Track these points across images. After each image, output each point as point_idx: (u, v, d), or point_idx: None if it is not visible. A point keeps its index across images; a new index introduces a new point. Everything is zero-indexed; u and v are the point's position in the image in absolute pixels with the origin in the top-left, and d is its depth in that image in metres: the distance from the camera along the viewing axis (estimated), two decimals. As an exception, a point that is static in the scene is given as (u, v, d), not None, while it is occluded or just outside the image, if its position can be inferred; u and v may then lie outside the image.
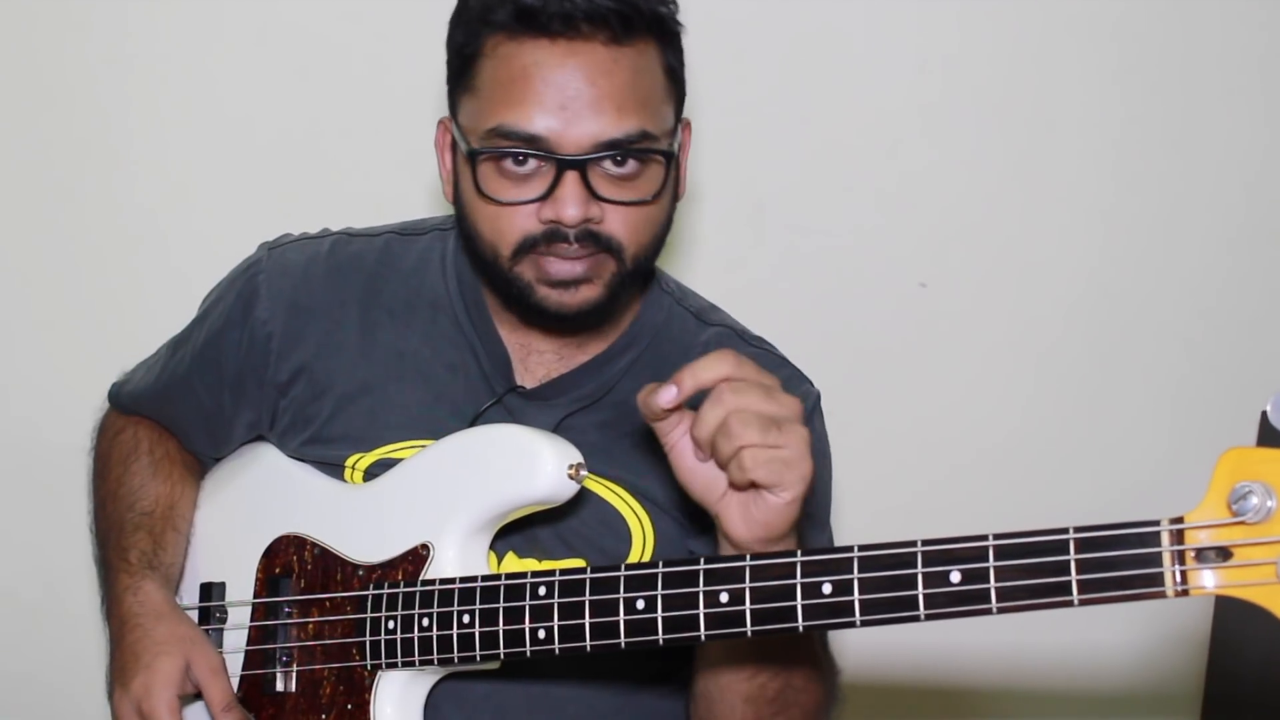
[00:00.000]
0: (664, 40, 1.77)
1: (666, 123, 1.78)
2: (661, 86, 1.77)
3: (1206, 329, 2.79)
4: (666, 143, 1.77)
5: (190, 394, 2.01)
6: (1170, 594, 1.29)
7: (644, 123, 1.73)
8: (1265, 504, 1.24)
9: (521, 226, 1.74)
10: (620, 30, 1.70)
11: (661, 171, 1.76)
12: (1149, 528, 1.30)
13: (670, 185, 1.80)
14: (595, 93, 1.70)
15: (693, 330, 1.97)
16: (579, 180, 1.71)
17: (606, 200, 1.73)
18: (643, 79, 1.74)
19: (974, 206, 2.75)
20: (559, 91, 1.69)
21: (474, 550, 1.76)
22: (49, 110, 2.63)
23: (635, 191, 1.75)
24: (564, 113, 1.69)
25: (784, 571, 1.49)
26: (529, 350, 1.90)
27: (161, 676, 1.83)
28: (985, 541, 1.38)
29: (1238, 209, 2.78)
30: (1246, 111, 2.76)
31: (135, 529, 1.96)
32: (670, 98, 1.80)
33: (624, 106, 1.71)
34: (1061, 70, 2.74)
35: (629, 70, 1.72)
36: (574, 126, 1.70)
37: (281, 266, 1.95)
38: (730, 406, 1.53)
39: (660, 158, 1.75)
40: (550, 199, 1.71)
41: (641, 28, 1.73)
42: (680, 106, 1.84)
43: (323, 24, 2.63)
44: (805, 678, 1.77)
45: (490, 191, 1.74)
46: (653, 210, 1.78)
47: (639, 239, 1.77)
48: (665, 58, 1.78)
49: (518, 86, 1.70)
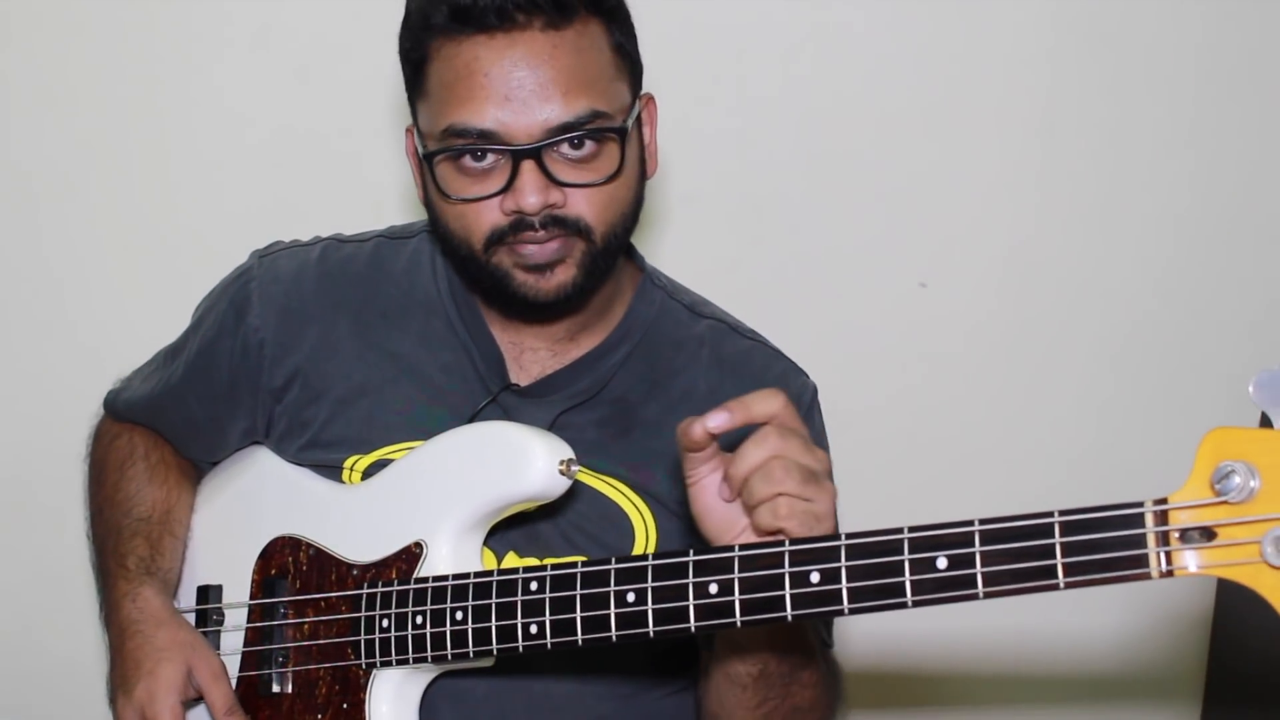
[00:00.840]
0: (606, 17, 1.78)
1: (620, 99, 1.78)
2: (610, 63, 1.77)
3: (1208, 329, 2.78)
4: (620, 120, 1.77)
5: (184, 403, 2.02)
6: (1155, 575, 1.29)
7: (594, 102, 1.73)
8: (1248, 483, 1.24)
9: (488, 220, 1.75)
10: (556, 14, 1.71)
11: (617, 149, 1.76)
12: (1133, 509, 1.30)
13: (632, 162, 1.80)
14: (539, 79, 1.71)
15: (686, 323, 1.98)
16: (536, 168, 1.72)
17: (565, 184, 1.74)
18: (588, 58, 1.74)
19: (974, 206, 2.75)
20: (503, 83, 1.71)
21: (467, 547, 1.77)
22: (49, 110, 2.64)
23: (594, 172, 1.75)
24: (510, 104, 1.71)
25: (772, 561, 1.49)
26: (522, 348, 1.91)
27: (164, 683, 1.83)
28: (971, 527, 1.38)
29: (1238, 208, 2.77)
30: (1246, 111, 2.75)
31: (132, 535, 1.96)
32: (622, 74, 1.80)
33: (570, 89, 1.72)
34: (1062, 70, 2.73)
35: (570, 52, 1.73)
36: (523, 116, 1.71)
37: (272, 273, 1.96)
38: (774, 450, 1.53)
39: (614, 135, 1.75)
40: (510, 190, 1.73)
41: (578, 8, 1.73)
42: (636, 82, 1.84)
43: (323, 24, 2.63)
44: (811, 699, 1.78)
45: (451, 190, 1.76)
46: (615, 188, 1.78)
47: (606, 217, 1.78)
48: (611, 35, 1.78)
49: (463, 84, 1.72)
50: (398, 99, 2.59)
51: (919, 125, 2.73)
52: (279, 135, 2.65)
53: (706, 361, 1.95)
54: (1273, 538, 1.22)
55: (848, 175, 2.73)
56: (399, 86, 2.58)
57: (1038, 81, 2.73)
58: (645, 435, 1.90)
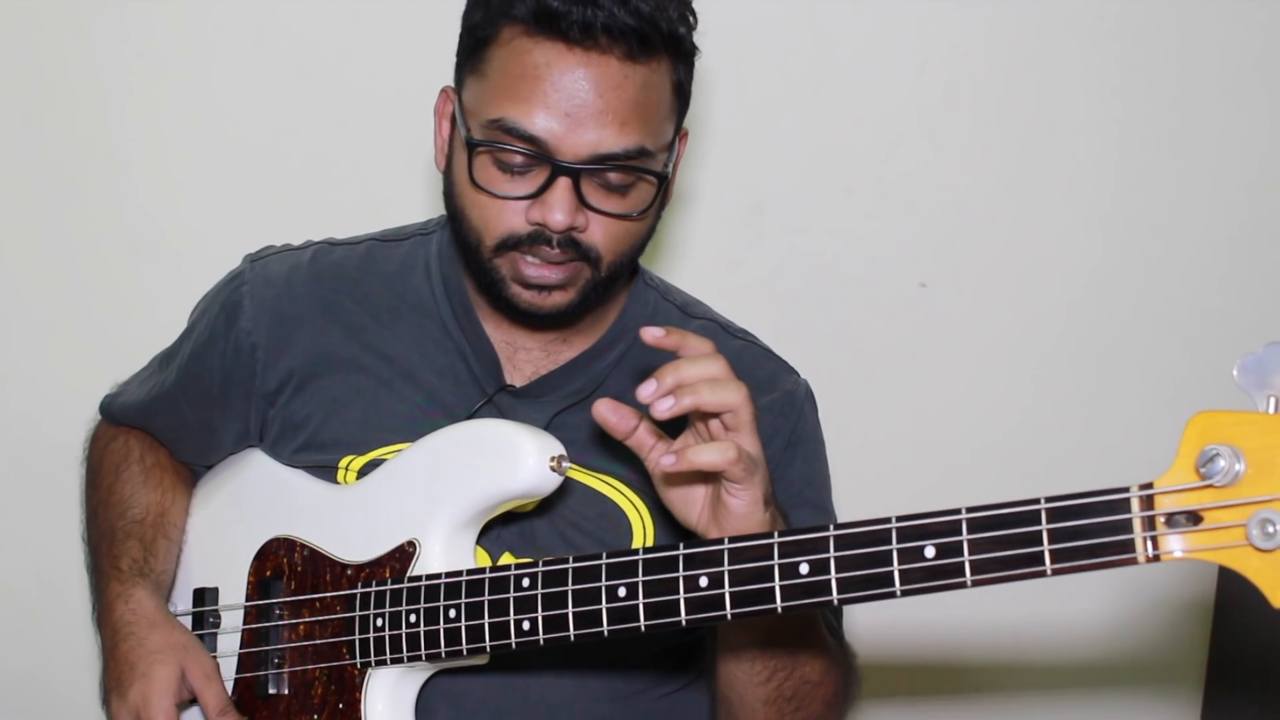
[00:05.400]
0: (680, 58, 1.78)
1: (665, 139, 1.78)
2: (667, 103, 1.78)
3: (1208, 328, 2.78)
4: (662, 161, 1.77)
5: (177, 407, 2.02)
6: (1142, 560, 1.28)
7: (644, 139, 1.73)
8: (1233, 467, 1.23)
9: (509, 223, 1.75)
10: (637, 48, 1.70)
11: (653, 191, 1.77)
12: (1119, 494, 1.30)
13: (658, 203, 1.81)
14: (602, 105, 1.70)
15: (678, 324, 1.97)
16: (571, 188, 1.71)
17: (595, 210, 1.74)
18: (650, 96, 1.74)
19: (974, 206, 2.74)
20: (566, 98, 1.70)
21: (460, 545, 1.76)
22: (49, 111, 2.64)
23: (624, 205, 1.76)
24: (567, 119, 1.70)
25: (761, 553, 1.49)
26: (515, 348, 1.91)
27: (158, 685, 1.83)
28: (958, 515, 1.38)
29: (1238, 208, 2.77)
30: (1246, 111, 2.75)
31: (126, 537, 1.96)
32: (674, 113, 1.80)
33: (628, 122, 1.71)
34: (1061, 70, 2.73)
35: (638, 87, 1.72)
36: (575, 134, 1.70)
37: (264, 277, 1.97)
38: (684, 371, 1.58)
39: (654, 179, 1.76)
40: (540, 201, 1.72)
41: (659, 47, 1.73)
42: (682, 119, 1.85)
43: (322, 24, 2.64)
44: (820, 670, 1.78)
45: (483, 182, 1.75)
46: (638, 225, 1.79)
47: (618, 249, 1.79)
48: (676, 74, 1.78)
49: (526, 83, 1.71)
50: (398, 99, 2.60)
51: (919, 125, 2.73)
52: (279, 135, 2.66)
53: None
54: (1258, 520, 1.21)
55: (848, 175, 2.73)
56: (400, 86, 2.59)
57: (1038, 81, 2.73)
58: None
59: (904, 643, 2.75)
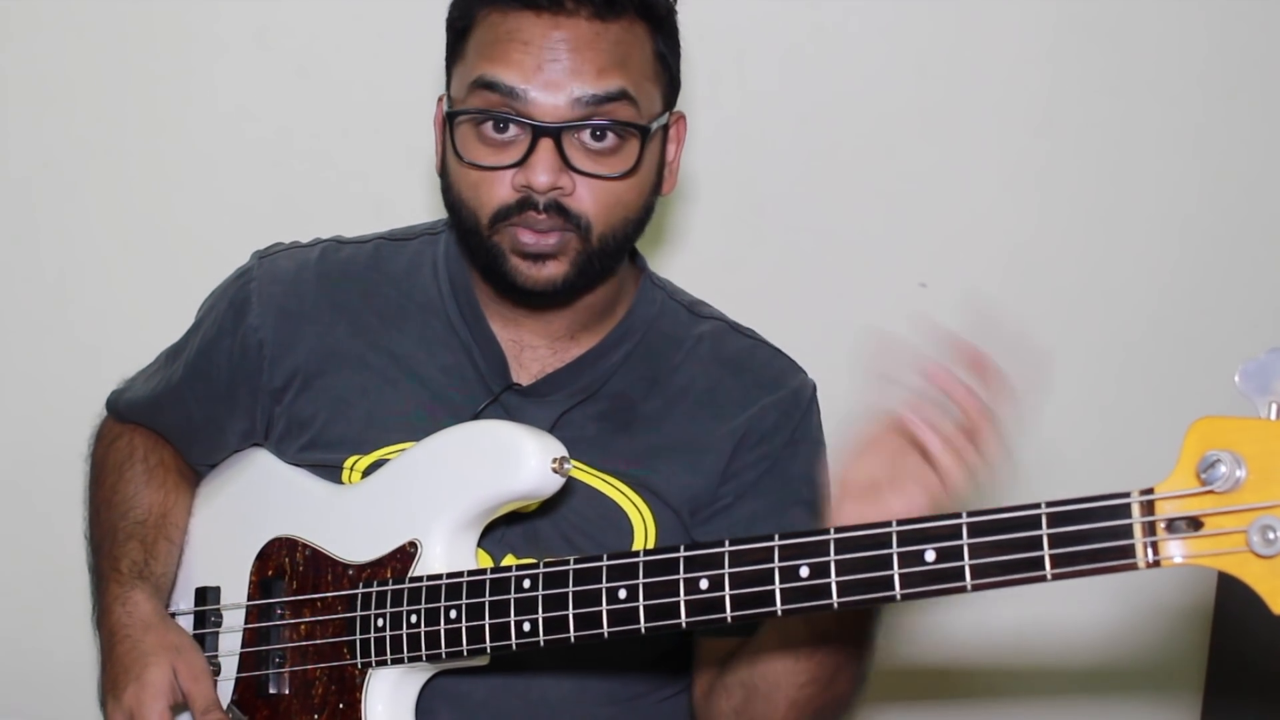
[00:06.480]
0: (653, 23, 1.80)
1: (650, 102, 1.80)
2: (649, 66, 1.80)
3: (1208, 328, 2.77)
4: (646, 119, 1.78)
5: (183, 403, 2.02)
6: (1142, 565, 1.29)
7: (624, 83, 1.76)
8: (1234, 473, 1.24)
9: (498, 195, 1.76)
10: (604, 7, 1.74)
11: (637, 147, 1.77)
12: (1119, 499, 1.30)
13: (648, 168, 1.81)
14: (576, 61, 1.74)
15: (685, 323, 1.98)
16: (553, 148, 1.73)
17: (579, 171, 1.75)
18: (628, 51, 1.77)
19: (974, 206, 2.74)
20: (540, 55, 1.73)
21: (461, 546, 1.77)
22: (49, 110, 2.63)
23: (608, 166, 1.76)
24: (542, 74, 1.73)
25: (762, 556, 1.49)
26: (522, 346, 1.91)
27: (152, 688, 1.83)
28: (959, 519, 1.39)
29: (1238, 208, 2.76)
30: (1246, 111, 2.74)
31: (128, 538, 1.96)
32: (658, 81, 1.82)
33: (605, 69, 1.74)
34: (1062, 70, 2.72)
35: (612, 43, 1.75)
36: (552, 92, 1.73)
37: (272, 274, 1.96)
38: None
39: (635, 132, 1.77)
40: (524, 165, 1.74)
41: (627, 8, 1.76)
42: (671, 96, 1.86)
43: (323, 24, 2.63)
44: (848, 689, 1.81)
45: (466, 154, 1.77)
46: (624, 188, 1.79)
47: (608, 218, 1.78)
48: (655, 43, 1.81)
49: (501, 46, 1.75)
50: (398, 99, 2.61)
51: (919, 125, 2.73)
52: (279, 135, 2.65)
53: (706, 358, 1.96)
54: (1259, 527, 1.22)
55: (848, 175, 2.72)
56: (400, 87, 2.60)
57: (1038, 81, 2.73)
58: (645, 431, 1.91)
59: (901, 646, 2.75)
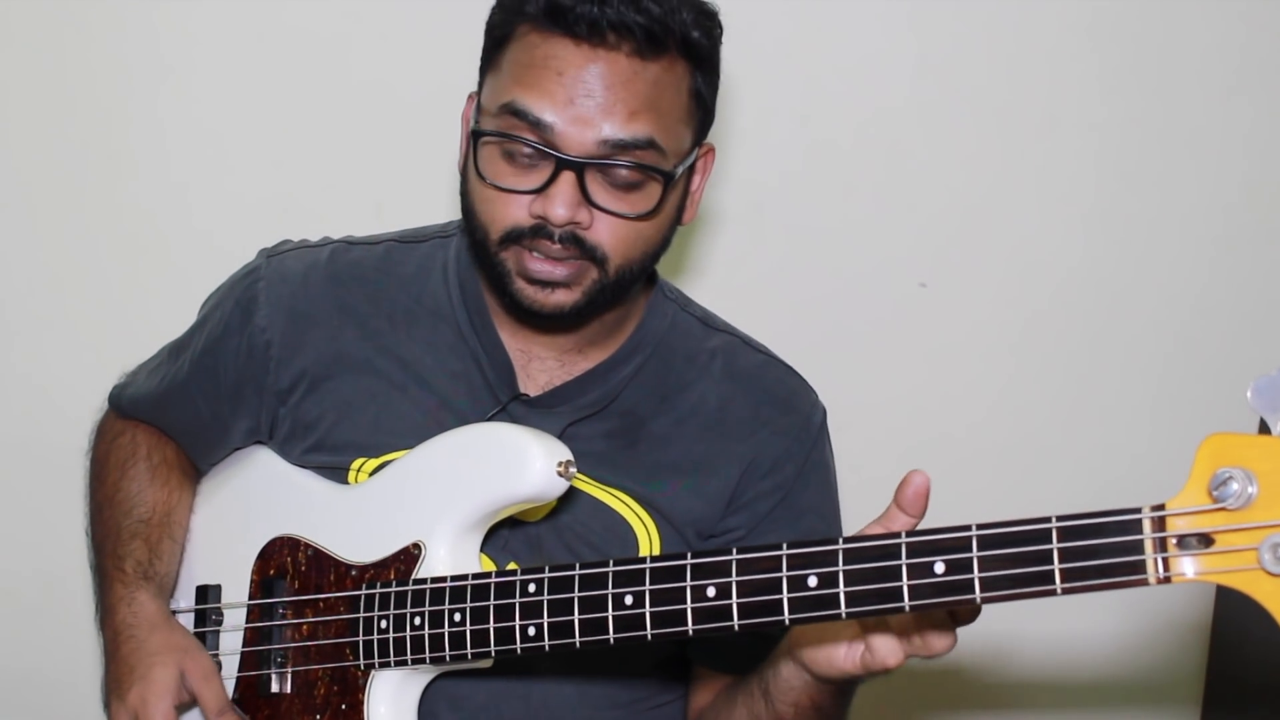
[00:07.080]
0: (694, 61, 1.77)
1: (680, 143, 1.78)
2: (683, 107, 1.77)
3: (1208, 328, 2.78)
4: (673, 163, 1.76)
5: (188, 401, 2.00)
6: (1152, 581, 1.29)
7: (654, 132, 1.73)
8: (1246, 490, 1.24)
9: (512, 216, 1.75)
10: (646, 45, 1.71)
11: (659, 191, 1.76)
12: (1130, 515, 1.30)
13: (670, 207, 1.80)
14: (611, 98, 1.70)
15: (698, 337, 1.97)
16: (574, 182, 1.71)
17: (599, 207, 1.73)
18: (663, 94, 1.74)
19: (974, 206, 2.74)
20: (573, 88, 1.70)
21: (465, 549, 1.77)
22: (50, 111, 2.63)
23: (629, 205, 1.75)
24: (573, 108, 1.70)
25: (770, 565, 1.49)
26: (530, 357, 1.90)
27: (157, 687, 1.83)
28: (969, 532, 1.38)
29: (1237, 208, 2.76)
30: (1247, 112, 2.75)
31: (132, 537, 1.95)
32: (691, 121, 1.79)
33: (637, 113, 1.71)
34: (1060, 70, 2.73)
35: (649, 84, 1.72)
36: (581, 127, 1.70)
37: (280, 274, 1.95)
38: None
39: (659, 177, 1.75)
40: (543, 195, 1.72)
41: (670, 47, 1.73)
42: (702, 132, 1.83)
43: (323, 24, 2.63)
44: None
45: (488, 174, 1.76)
46: (644, 227, 1.77)
47: (626, 252, 1.77)
48: (693, 80, 1.78)
49: (536, 72, 1.72)
50: (399, 99, 2.60)
51: (919, 125, 2.73)
52: (280, 135, 2.65)
53: (718, 375, 1.95)
54: (1270, 544, 1.22)
55: (848, 175, 2.72)
56: (400, 86, 2.59)
57: (1038, 81, 2.73)
58: (653, 448, 1.90)
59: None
